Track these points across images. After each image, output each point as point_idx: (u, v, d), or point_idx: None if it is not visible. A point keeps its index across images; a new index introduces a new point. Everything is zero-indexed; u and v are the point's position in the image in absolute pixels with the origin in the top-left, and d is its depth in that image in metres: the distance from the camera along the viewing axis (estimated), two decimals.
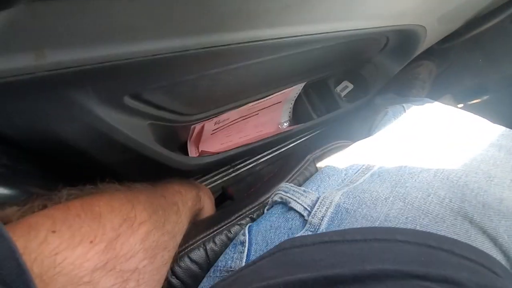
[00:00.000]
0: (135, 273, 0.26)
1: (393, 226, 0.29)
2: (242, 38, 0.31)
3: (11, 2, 0.16)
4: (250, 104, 0.51)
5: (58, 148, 0.32)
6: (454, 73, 0.82)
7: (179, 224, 0.36)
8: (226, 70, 0.38)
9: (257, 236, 0.35)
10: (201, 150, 0.54)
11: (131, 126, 0.35)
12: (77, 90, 0.27)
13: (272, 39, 0.33)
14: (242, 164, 0.74)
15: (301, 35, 0.36)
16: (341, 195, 0.34)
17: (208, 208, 0.49)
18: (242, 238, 0.36)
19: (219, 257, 0.37)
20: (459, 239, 0.27)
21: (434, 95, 0.80)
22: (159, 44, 0.26)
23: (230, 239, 0.39)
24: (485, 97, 0.81)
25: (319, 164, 0.45)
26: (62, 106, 0.27)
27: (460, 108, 0.81)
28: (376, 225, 0.30)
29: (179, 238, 0.35)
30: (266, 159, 0.76)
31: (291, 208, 0.36)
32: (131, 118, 0.36)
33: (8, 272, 0.16)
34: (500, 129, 0.37)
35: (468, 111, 0.41)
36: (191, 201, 0.42)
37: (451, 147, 0.35)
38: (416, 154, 0.36)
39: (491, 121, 0.38)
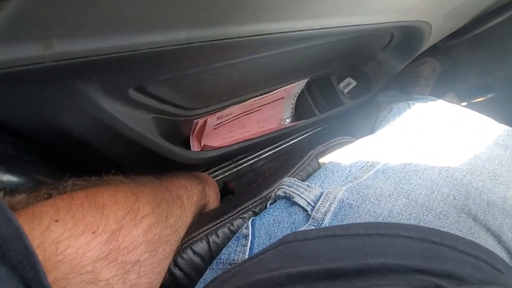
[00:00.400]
0: (137, 265, 0.26)
1: (396, 222, 0.29)
2: (248, 31, 0.31)
3: None
4: (253, 100, 0.51)
5: (64, 140, 0.32)
6: (458, 71, 0.82)
7: (183, 218, 0.36)
8: (230, 64, 0.38)
9: (260, 230, 0.36)
10: (203, 145, 0.54)
11: (135, 119, 0.35)
12: (83, 82, 0.27)
13: (277, 33, 0.33)
14: (244, 160, 0.74)
15: (306, 30, 0.36)
16: (345, 190, 0.34)
17: (213, 202, 0.49)
18: (245, 231, 0.36)
19: (221, 249, 0.37)
20: (462, 236, 0.27)
21: (438, 93, 0.80)
22: (164, 36, 0.26)
23: (233, 232, 0.39)
24: (489, 96, 0.81)
25: (322, 160, 0.45)
26: (68, 97, 0.27)
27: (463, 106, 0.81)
28: (380, 221, 0.30)
29: (182, 232, 0.36)
30: (267, 155, 0.76)
31: (294, 203, 0.36)
32: (135, 111, 0.36)
33: (15, 253, 0.16)
34: (505, 128, 0.36)
35: (472, 110, 0.41)
36: (196, 195, 0.42)
37: (456, 145, 0.35)
38: (420, 151, 0.36)
39: (494, 120, 0.38)
